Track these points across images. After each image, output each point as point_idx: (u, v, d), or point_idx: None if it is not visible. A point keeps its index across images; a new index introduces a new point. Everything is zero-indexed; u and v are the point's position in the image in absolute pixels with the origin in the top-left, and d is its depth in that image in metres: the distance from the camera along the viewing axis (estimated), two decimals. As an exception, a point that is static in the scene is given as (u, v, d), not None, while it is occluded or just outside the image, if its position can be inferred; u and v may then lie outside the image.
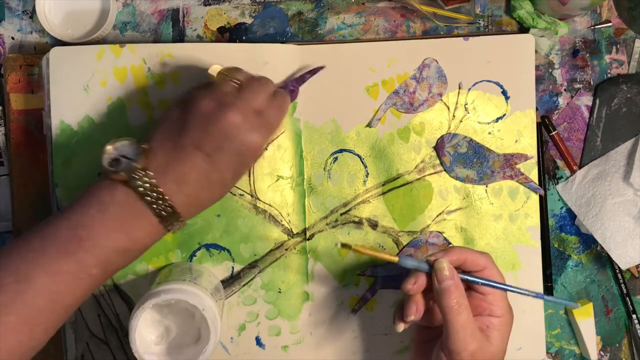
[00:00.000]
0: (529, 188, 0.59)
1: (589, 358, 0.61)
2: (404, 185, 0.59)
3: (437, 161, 0.59)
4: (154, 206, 0.44)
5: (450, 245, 0.59)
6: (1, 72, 0.60)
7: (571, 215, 0.62)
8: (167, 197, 0.44)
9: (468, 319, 0.45)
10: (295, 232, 0.58)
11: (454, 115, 0.59)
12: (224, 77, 0.49)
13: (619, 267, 0.61)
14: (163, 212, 0.44)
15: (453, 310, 0.45)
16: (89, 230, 0.43)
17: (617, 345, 0.62)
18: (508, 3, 0.61)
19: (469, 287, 0.49)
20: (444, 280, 0.46)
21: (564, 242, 0.62)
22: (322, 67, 0.57)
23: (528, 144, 0.59)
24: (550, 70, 0.62)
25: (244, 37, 0.61)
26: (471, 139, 0.59)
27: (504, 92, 0.59)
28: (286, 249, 0.58)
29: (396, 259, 0.47)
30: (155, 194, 0.44)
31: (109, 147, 0.46)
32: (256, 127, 0.47)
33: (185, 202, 0.45)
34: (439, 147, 0.59)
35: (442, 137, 0.59)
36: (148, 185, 0.44)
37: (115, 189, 0.44)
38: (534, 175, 0.59)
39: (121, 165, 0.44)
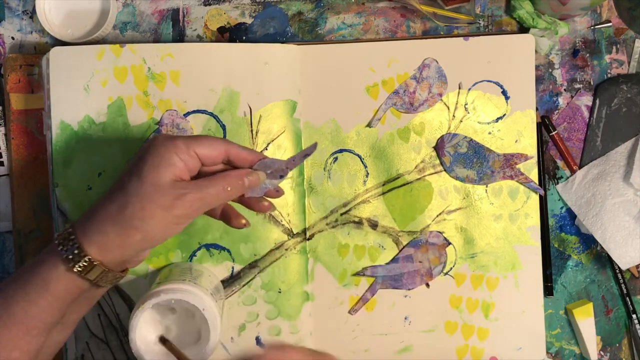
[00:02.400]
0: (529, 188, 0.59)
1: (589, 358, 0.61)
2: (404, 185, 0.59)
3: (437, 161, 0.59)
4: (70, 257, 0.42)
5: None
6: (1, 72, 0.60)
7: (571, 215, 0.62)
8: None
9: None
10: (295, 232, 0.58)
11: (454, 115, 0.59)
12: None
13: (619, 267, 0.61)
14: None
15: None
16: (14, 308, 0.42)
17: (617, 345, 0.62)
18: (508, 3, 0.61)
19: None
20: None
21: (564, 242, 0.62)
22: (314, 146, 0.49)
23: (528, 144, 0.59)
24: (550, 70, 0.62)
25: (244, 37, 0.61)
26: (471, 139, 0.59)
27: (504, 92, 0.59)
28: (286, 249, 0.58)
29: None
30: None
31: None
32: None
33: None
34: (439, 147, 0.59)
35: (442, 137, 0.59)
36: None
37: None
38: (534, 175, 0.59)
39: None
